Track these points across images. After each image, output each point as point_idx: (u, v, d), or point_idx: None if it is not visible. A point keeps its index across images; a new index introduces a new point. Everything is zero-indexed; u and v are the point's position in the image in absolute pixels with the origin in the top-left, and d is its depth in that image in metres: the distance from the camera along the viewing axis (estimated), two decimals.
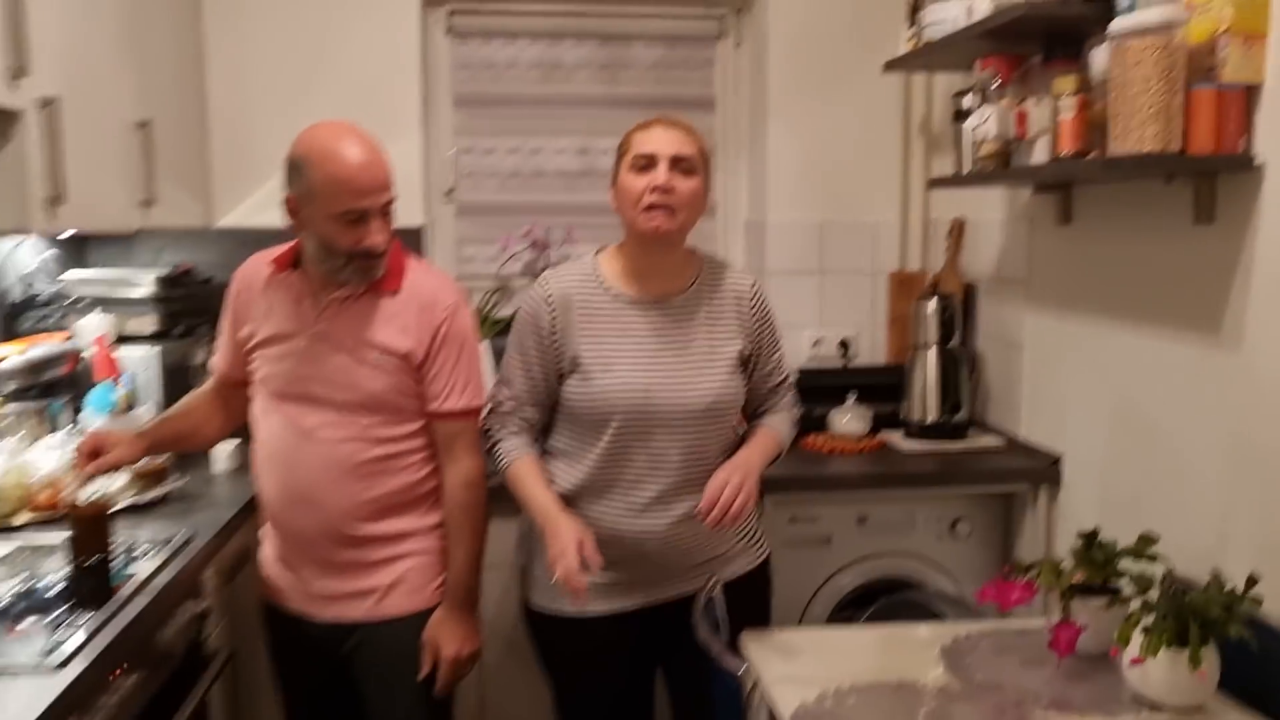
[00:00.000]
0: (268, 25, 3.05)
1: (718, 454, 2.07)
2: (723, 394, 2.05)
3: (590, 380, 2.01)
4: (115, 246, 3.04)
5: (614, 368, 2.01)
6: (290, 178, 1.94)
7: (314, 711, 2.17)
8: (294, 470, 1.99)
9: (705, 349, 2.06)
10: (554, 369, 2.05)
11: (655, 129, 2.02)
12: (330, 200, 1.88)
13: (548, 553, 1.91)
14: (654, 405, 1.99)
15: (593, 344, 2.02)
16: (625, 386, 2.00)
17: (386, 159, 1.95)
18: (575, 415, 2.03)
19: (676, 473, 2.02)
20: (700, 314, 2.07)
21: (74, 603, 1.73)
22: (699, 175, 2.02)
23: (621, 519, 2.03)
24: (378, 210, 1.92)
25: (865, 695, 1.76)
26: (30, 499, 2.13)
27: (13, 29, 1.85)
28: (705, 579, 2.01)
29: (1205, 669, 1.65)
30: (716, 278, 2.12)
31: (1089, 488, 2.47)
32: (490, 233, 3.36)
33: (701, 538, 2.05)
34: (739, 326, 2.10)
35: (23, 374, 2.33)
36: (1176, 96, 1.86)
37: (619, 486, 2.02)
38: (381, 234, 1.94)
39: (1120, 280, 2.32)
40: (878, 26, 3.15)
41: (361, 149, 1.90)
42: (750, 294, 2.12)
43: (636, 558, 2.05)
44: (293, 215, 1.95)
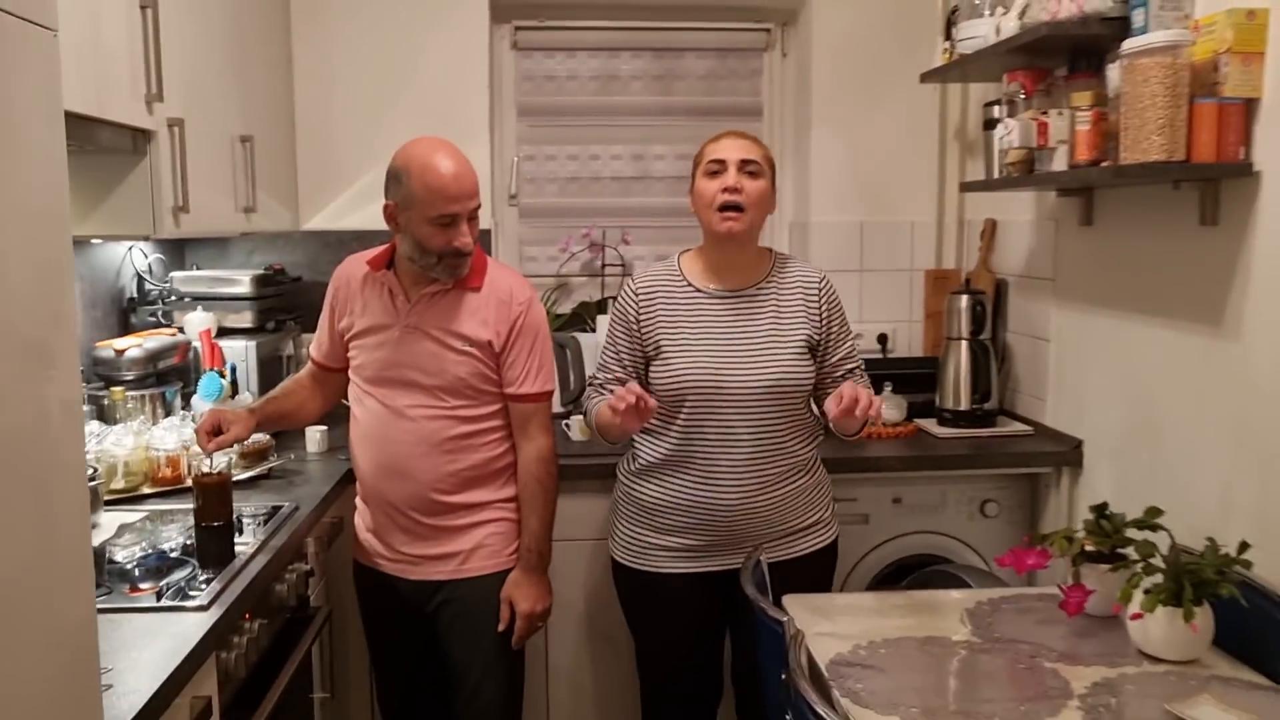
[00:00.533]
0: (348, 45, 3.30)
1: (790, 435, 2.31)
2: (788, 374, 2.28)
3: (669, 363, 2.27)
4: (211, 249, 3.33)
5: (690, 351, 2.27)
6: (390, 186, 2.20)
7: (400, 662, 2.43)
8: (387, 446, 2.25)
9: (773, 334, 2.30)
10: (640, 354, 2.33)
11: (724, 139, 2.32)
12: (427, 206, 2.14)
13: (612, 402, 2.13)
14: (724, 384, 2.25)
15: (672, 331, 2.30)
16: (699, 367, 2.25)
17: (475, 171, 2.21)
18: (658, 395, 2.28)
19: (747, 448, 2.26)
20: (770, 304, 2.32)
21: (200, 561, 1.99)
22: (765, 178, 2.29)
23: (697, 489, 2.28)
24: (467, 215, 2.18)
25: (895, 647, 1.97)
26: (153, 473, 2.41)
27: (151, 62, 2.13)
28: (780, 550, 2.31)
29: (1198, 624, 1.84)
30: (787, 272, 2.37)
31: (1107, 469, 2.66)
32: (550, 235, 3.60)
33: (769, 510, 2.30)
34: (807, 315, 2.33)
35: (142, 363, 2.61)
36: (1181, 110, 2.05)
37: (695, 459, 2.28)
38: (470, 236, 2.19)
39: (1136, 278, 2.51)
40: (916, 39, 3.35)
41: (454, 162, 2.17)
42: (819, 285, 2.36)
43: (710, 525, 2.30)
44: (391, 220, 2.21)
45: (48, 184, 1.15)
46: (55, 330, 1.17)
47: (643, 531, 2.37)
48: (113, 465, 2.33)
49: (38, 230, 1.13)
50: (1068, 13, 2.32)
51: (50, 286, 1.16)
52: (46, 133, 1.15)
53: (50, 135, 1.16)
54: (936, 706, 1.73)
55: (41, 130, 1.14)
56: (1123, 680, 1.83)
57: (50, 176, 1.16)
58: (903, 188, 3.46)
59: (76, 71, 1.87)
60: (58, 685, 1.17)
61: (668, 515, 2.32)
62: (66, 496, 1.19)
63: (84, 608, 1.23)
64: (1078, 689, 1.79)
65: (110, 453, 2.34)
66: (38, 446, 1.12)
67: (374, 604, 2.41)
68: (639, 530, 2.37)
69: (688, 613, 2.31)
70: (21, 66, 1.10)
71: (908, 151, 3.45)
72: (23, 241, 1.10)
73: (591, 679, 2.87)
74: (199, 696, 1.59)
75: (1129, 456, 2.56)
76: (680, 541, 2.32)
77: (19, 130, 1.09)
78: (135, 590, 1.83)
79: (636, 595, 2.42)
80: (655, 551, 2.35)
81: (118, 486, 2.33)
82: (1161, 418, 2.41)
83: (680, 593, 2.30)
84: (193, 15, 2.42)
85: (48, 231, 1.16)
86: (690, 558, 2.32)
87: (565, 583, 2.73)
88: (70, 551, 1.20)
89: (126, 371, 2.58)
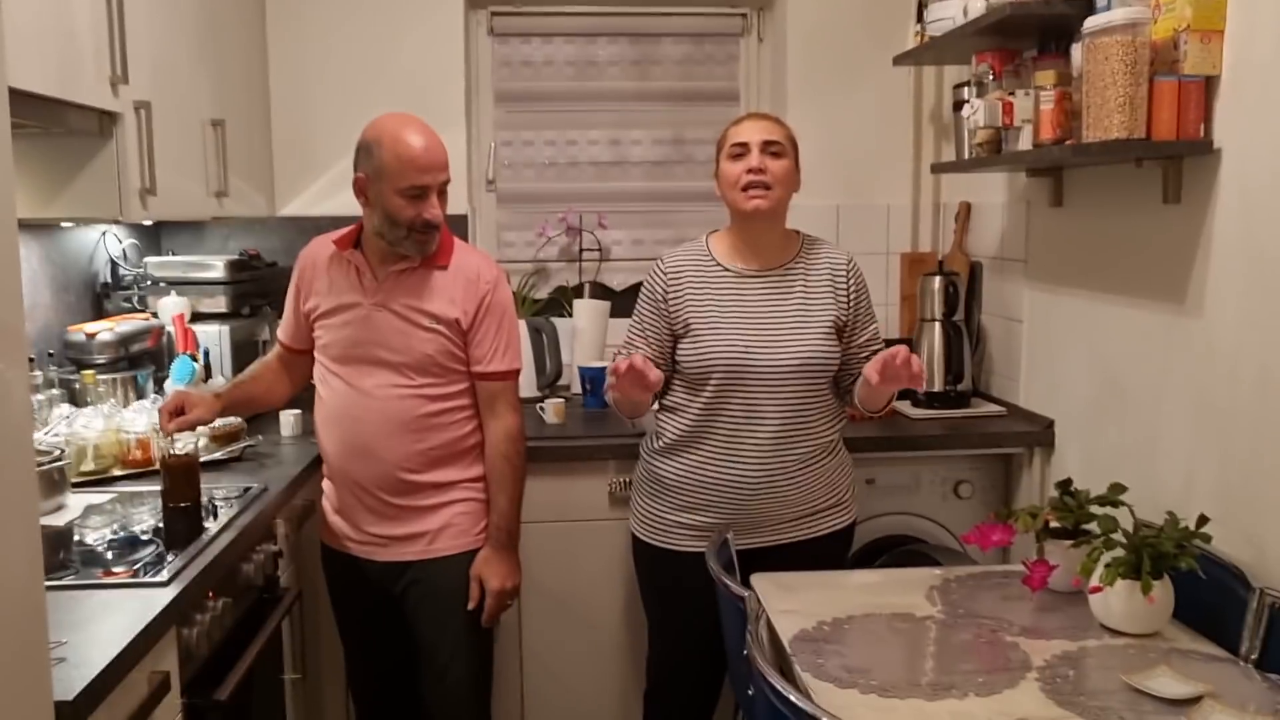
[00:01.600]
0: (324, 30, 3.30)
1: (815, 416, 2.33)
2: (815, 354, 2.30)
3: (698, 340, 2.30)
4: (187, 234, 3.33)
5: (719, 329, 2.29)
6: (360, 158, 2.21)
7: (370, 643, 2.44)
8: (354, 425, 2.26)
9: (801, 314, 2.32)
10: (668, 333, 2.35)
11: (746, 122, 2.36)
12: (397, 176, 2.15)
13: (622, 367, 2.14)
14: (751, 361, 2.27)
15: (701, 309, 2.32)
16: (727, 344, 2.28)
17: (444, 146, 2.23)
18: (684, 372, 2.32)
19: (772, 426, 2.28)
20: (798, 284, 2.34)
21: (167, 542, 1.99)
22: (788, 157, 2.32)
23: (721, 467, 2.31)
24: (436, 187, 2.19)
25: (860, 623, 1.98)
26: (123, 456, 2.41)
27: (116, 44, 2.12)
28: (799, 530, 2.35)
29: (1156, 597, 1.85)
30: (815, 253, 2.39)
31: (1077, 448, 2.68)
32: (528, 220, 3.61)
33: (792, 491, 2.32)
34: (834, 296, 2.35)
35: (114, 347, 2.62)
36: (1141, 88, 2.06)
37: (718, 436, 2.30)
38: (439, 209, 2.20)
39: (1104, 257, 2.52)
40: (889, 22, 3.35)
41: (424, 134, 2.19)
42: (846, 267, 2.39)
43: (732, 504, 2.32)
44: (361, 193, 2.22)
45: None
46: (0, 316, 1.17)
47: (663, 509, 2.39)
48: (82, 448, 2.33)
49: None
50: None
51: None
52: None
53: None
54: (896, 680, 1.74)
55: None
56: (1083, 653, 1.85)
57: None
58: (878, 171, 3.47)
59: (39, 52, 1.87)
60: (3, 659, 1.17)
61: (690, 493, 2.34)
62: (14, 479, 1.20)
63: (29, 581, 1.23)
64: (1037, 661, 1.80)
65: (80, 435, 2.34)
66: None
67: (342, 586, 2.42)
68: (659, 507, 2.39)
69: (704, 595, 2.32)
70: None
71: (883, 135, 3.46)
72: None
73: (565, 661, 2.88)
74: (157, 671, 1.60)
75: (1098, 434, 2.57)
76: (700, 519, 2.34)
77: None
78: (108, 573, 1.83)
79: (654, 571, 2.45)
80: (675, 529, 2.37)
81: (88, 469, 2.34)
82: (1128, 395, 2.43)
83: (698, 570, 2.31)
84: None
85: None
86: (709, 535, 2.31)
87: (538, 564, 2.75)
88: (14, 527, 1.20)
89: (98, 355, 2.59)
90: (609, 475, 2.81)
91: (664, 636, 2.50)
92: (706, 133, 3.64)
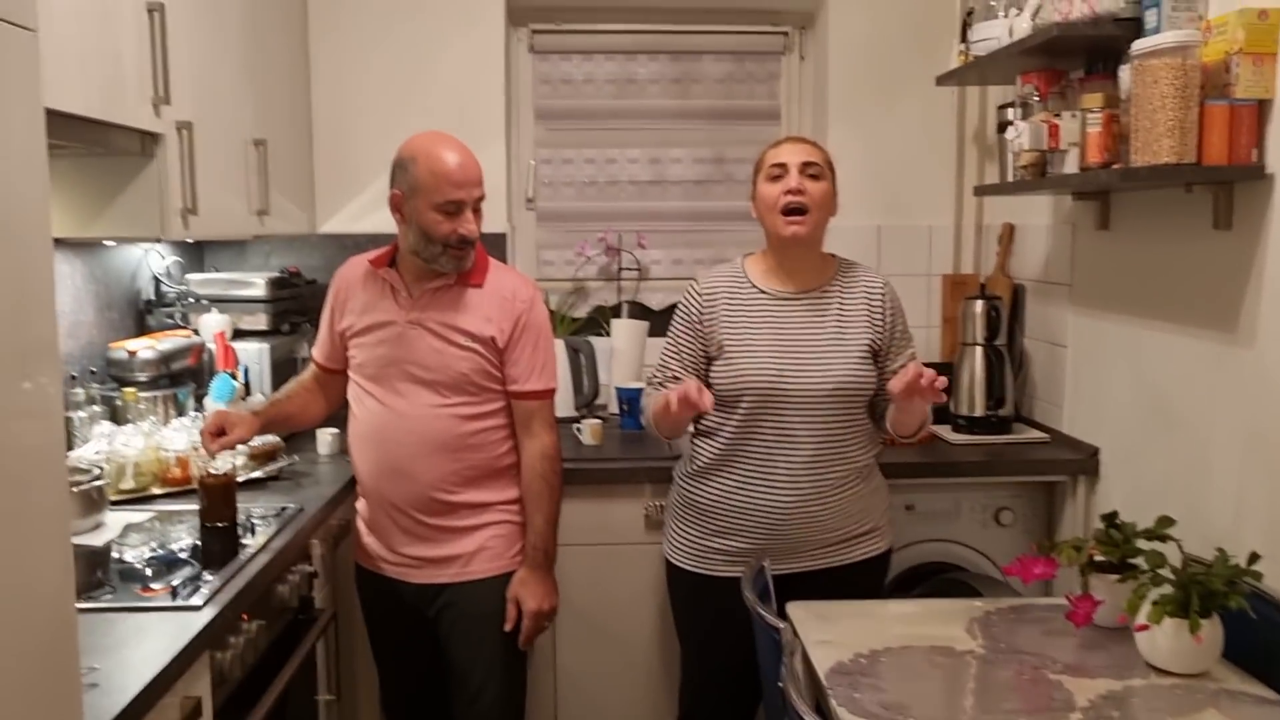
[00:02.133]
0: (366, 49, 3.33)
1: (850, 441, 2.30)
2: (850, 378, 2.28)
3: (732, 362, 2.28)
4: (230, 251, 3.36)
5: (753, 351, 2.28)
6: (396, 175, 2.23)
7: (403, 665, 2.43)
8: (388, 444, 2.26)
9: (836, 338, 2.30)
10: (702, 354, 2.34)
11: (785, 144, 2.36)
12: (432, 191, 2.16)
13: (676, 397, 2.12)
14: (785, 385, 2.25)
15: (736, 331, 2.31)
16: (761, 367, 2.26)
17: (479, 163, 2.24)
18: (717, 394, 2.28)
19: (806, 450, 2.26)
20: (834, 307, 2.32)
21: (204, 561, 2.00)
22: (826, 180, 2.31)
23: (754, 492, 2.29)
24: (471, 203, 2.20)
25: (897, 656, 1.95)
26: (163, 474, 2.43)
27: (158, 66, 2.15)
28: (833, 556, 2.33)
29: (1204, 636, 1.80)
30: (851, 276, 2.37)
31: (1123, 477, 2.62)
32: (567, 238, 3.61)
33: (826, 515, 2.29)
34: (870, 320, 2.33)
35: (155, 364, 2.64)
36: (1191, 111, 2.01)
37: (752, 459, 2.28)
38: (474, 224, 2.21)
39: (1152, 283, 2.47)
40: (933, 41, 3.32)
41: (459, 151, 2.21)
42: (882, 291, 2.37)
43: (765, 529, 2.30)
44: (397, 209, 2.23)
45: (27, 184, 1.16)
46: (34, 332, 1.17)
47: (697, 534, 2.37)
48: (122, 465, 2.35)
49: (17, 231, 1.14)
50: (1079, 13, 2.28)
51: (29, 288, 1.17)
52: (26, 133, 1.16)
53: (30, 135, 1.17)
54: (934, 717, 1.71)
55: (21, 130, 1.15)
56: (1129, 693, 1.80)
57: (30, 176, 1.17)
58: (920, 192, 3.43)
59: (82, 75, 1.89)
60: (33, 684, 1.17)
61: (723, 518, 2.33)
62: (45, 499, 1.20)
63: (63, 606, 1.23)
64: (1081, 701, 1.76)
65: (120, 453, 2.36)
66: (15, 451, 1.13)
67: (376, 607, 2.41)
68: (693, 532, 2.38)
69: (741, 615, 2.29)
70: (1, 67, 1.11)
71: (926, 155, 3.42)
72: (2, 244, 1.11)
73: (600, 684, 2.86)
74: (189, 697, 1.60)
75: (1144, 464, 2.51)
76: (734, 544, 2.32)
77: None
78: (147, 590, 1.84)
79: (688, 596, 2.43)
80: (709, 554, 2.35)
81: (127, 487, 2.35)
82: (1176, 425, 2.37)
83: (733, 595, 2.29)
84: (205, 20, 2.44)
85: (27, 233, 1.16)
86: (744, 561, 2.29)
87: (573, 587, 2.73)
88: (48, 551, 1.20)
89: (139, 373, 2.61)
90: (645, 499, 2.79)
91: (697, 662, 2.47)
92: (747, 151, 3.62)
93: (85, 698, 1.34)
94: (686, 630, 2.48)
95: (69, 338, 2.56)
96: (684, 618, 2.47)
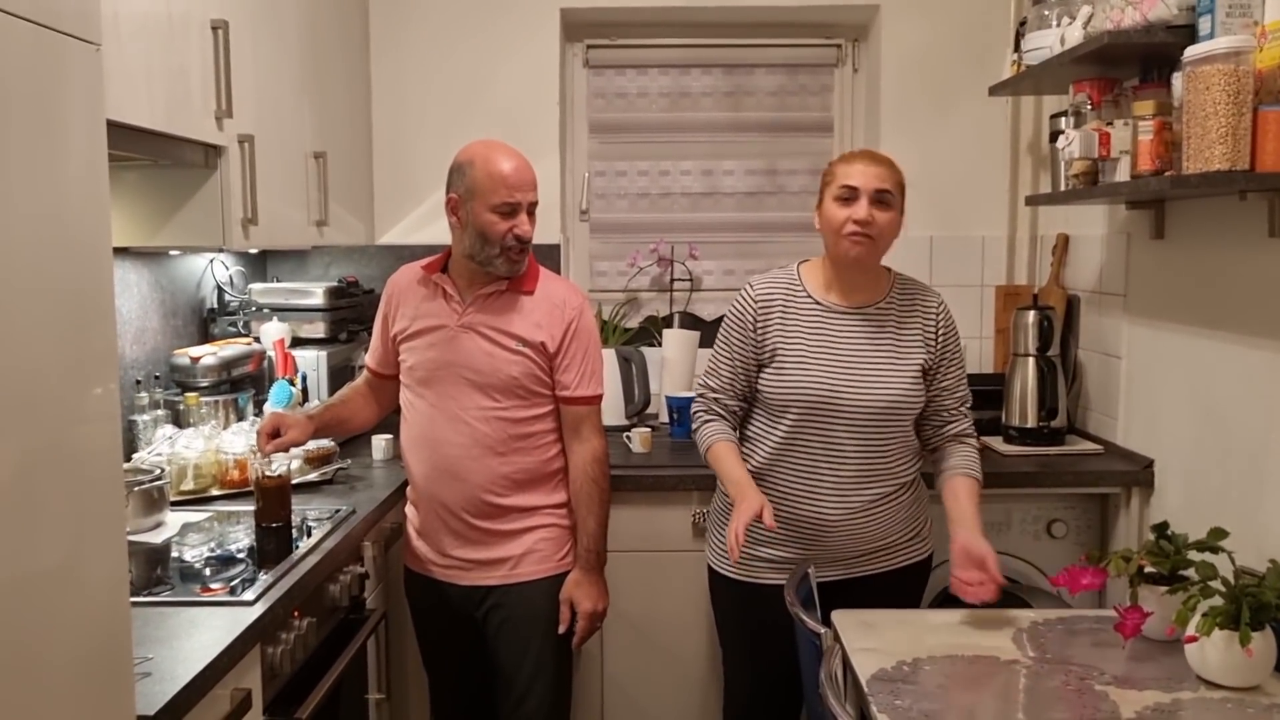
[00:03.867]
0: (425, 64, 3.40)
1: (897, 457, 2.30)
2: (903, 397, 2.27)
3: (783, 371, 2.27)
4: (291, 261, 3.45)
5: (805, 362, 2.27)
6: (453, 179, 2.29)
7: (451, 668, 2.47)
8: (440, 447, 2.31)
9: (891, 355, 2.28)
10: (754, 360, 2.32)
11: (858, 163, 2.26)
12: (490, 193, 2.22)
13: (733, 516, 2.14)
14: (837, 399, 2.24)
15: (790, 339, 2.29)
16: (813, 379, 2.25)
17: (533, 169, 2.30)
18: (766, 402, 2.30)
19: (853, 464, 2.26)
20: (890, 324, 2.31)
21: (258, 560, 2.06)
22: (896, 208, 2.26)
23: (799, 503, 2.29)
24: (526, 205, 2.26)
25: (940, 664, 1.94)
26: (222, 476, 2.50)
27: (222, 81, 2.23)
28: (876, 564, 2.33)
29: (1256, 649, 1.77)
30: (907, 293, 2.35)
31: (1178, 489, 2.58)
32: (620, 250, 3.64)
33: (871, 527, 2.29)
34: (924, 339, 2.31)
35: (216, 370, 2.72)
36: (1244, 118, 1.98)
37: (797, 470, 2.28)
38: (529, 226, 2.26)
39: (1207, 291, 2.43)
40: (986, 52, 3.31)
41: (514, 156, 2.28)
42: (937, 310, 2.34)
43: (809, 539, 2.30)
44: (454, 212, 2.29)
45: (88, 195, 1.22)
46: (94, 340, 1.23)
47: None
48: (183, 467, 2.43)
49: (78, 241, 1.20)
50: (1131, 21, 2.27)
51: (90, 298, 1.22)
52: (88, 145, 1.22)
53: (91, 147, 1.22)
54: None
55: (83, 142, 1.21)
56: (1176, 706, 1.77)
57: (91, 187, 1.22)
58: (974, 202, 3.41)
59: (148, 89, 1.97)
60: (89, 671, 1.22)
61: (766, 527, 2.31)
62: (103, 498, 1.25)
63: (117, 598, 1.29)
64: (1127, 713, 1.73)
65: (181, 455, 2.43)
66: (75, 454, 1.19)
67: (425, 610, 2.46)
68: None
69: (784, 624, 2.30)
70: (66, 80, 1.17)
71: (979, 166, 3.40)
72: (63, 253, 1.16)
73: (647, 690, 2.87)
74: (240, 688, 1.65)
75: (1200, 476, 2.47)
76: (777, 553, 2.32)
77: (62, 141, 1.16)
78: (206, 590, 1.89)
79: (732, 603, 2.42)
80: (752, 561, 2.35)
81: (187, 488, 2.43)
82: (1232, 436, 2.33)
83: (775, 603, 2.30)
84: (267, 36, 2.53)
85: (88, 243, 1.22)
86: (787, 569, 2.29)
87: (621, 593, 2.74)
88: (104, 547, 1.26)
89: (201, 378, 2.69)
90: (693, 506, 2.81)
91: (740, 670, 2.47)
92: (800, 163, 3.64)
93: (138, 685, 1.39)
94: (729, 638, 2.48)
95: (135, 344, 2.66)
96: (726, 626, 2.47)
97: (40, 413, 1.14)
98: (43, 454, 1.14)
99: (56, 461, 1.16)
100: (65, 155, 1.17)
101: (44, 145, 1.13)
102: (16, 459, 1.10)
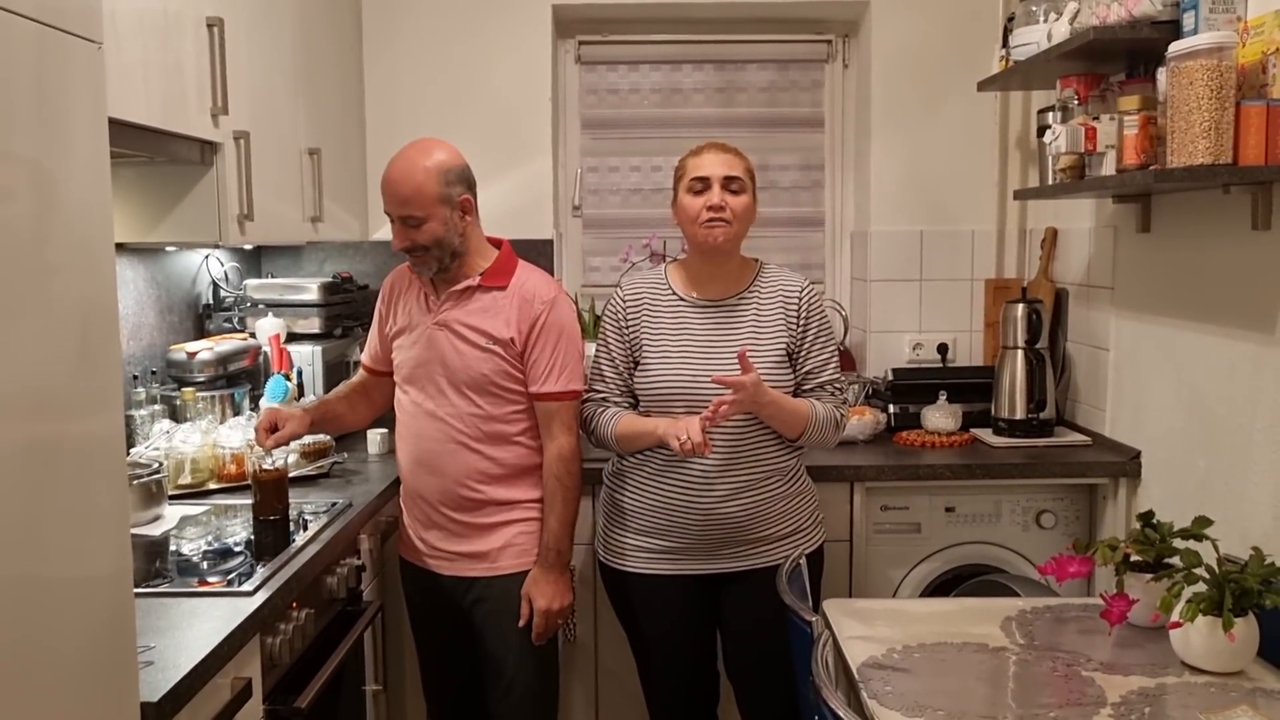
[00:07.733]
0: (418, 60, 3.41)
1: (765, 442, 2.33)
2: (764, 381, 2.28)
3: (648, 367, 2.34)
4: (286, 257, 3.46)
5: (668, 356, 2.33)
6: None
7: (443, 655, 2.49)
8: (420, 441, 2.34)
9: (750, 342, 2.32)
10: (629, 358, 2.39)
11: (706, 154, 2.34)
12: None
13: (672, 433, 2.18)
14: (695, 389, 2.28)
15: (654, 336, 2.36)
16: (673, 371, 2.32)
17: (417, 182, 2.23)
18: (640, 398, 2.37)
19: (720, 454, 2.28)
20: (750, 312, 2.36)
21: (256, 552, 2.08)
22: (747, 193, 2.33)
23: (671, 492, 2.33)
24: (397, 219, 2.27)
25: (930, 652, 1.97)
26: (219, 470, 2.52)
27: (217, 78, 2.24)
28: (760, 556, 2.36)
29: (1238, 634, 1.80)
30: (769, 281, 2.40)
31: (1164, 479, 2.61)
32: (613, 244, 3.66)
33: (743, 514, 2.32)
34: (785, 323, 2.35)
35: (213, 366, 2.74)
36: (1227, 112, 2.02)
37: (670, 463, 2.32)
38: (401, 239, 2.27)
39: (1192, 284, 2.46)
40: (974, 48, 3.34)
41: (395, 167, 2.27)
42: (799, 293, 2.38)
43: (684, 528, 2.34)
44: None
45: (91, 191, 1.24)
46: (96, 334, 1.25)
47: (622, 533, 2.42)
48: (180, 461, 2.45)
49: (82, 237, 1.22)
50: (1116, 17, 2.30)
51: (92, 292, 1.24)
52: (91, 142, 1.24)
53: (94, 144, 1.24)
54: (966, 711, 1.73)
55: (86, 139, 1.23)
56: (1161, 690, 1.80)
57: (94, 184, 1.24)
58: (963, 196, 3.44)
59: (145, 87, 1.99)
60: (93, 660, 1.25)
61: (644, 517, 2.37)
62: (106, 491, 1.28)
63: (120, 589, 1.31)
64: (1113, 697, 1.77)
65: (178, 449, 2.45)
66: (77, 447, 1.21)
67: (418, 599, 2.48)
68: (619, 531, 2.43)
69: (672, 612, 2.35)
70: (68, 78, 1.19)
71: (968, 160, 3.43)
72: (68, 250, 1.18)
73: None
74: (240, 677, 1.67)
75: (1185, 466, 2.51)
76: (658, 543, 2.37)
77: (66, 138, 1.18)
78: (203, 583, 1.92)
79: (620, 594, 2.47)
80: (634, 552, 2.40)
81: (185, 482, 2.45)
82: (1217, 427, 2.37)
83: (662, 592, 2.35)
84: (262, 34, 2.54)
85: (91, 239, 1.24)
86: (669, 559, 2.36)
87: None
88: (108, 538, 1.28)
89: (198, 373, 2.71)
90: None
91: (645, 658, 2.51)
92: (791, 159, 3.67)
93: (141, 674, 1.42)
94: (629, 631, 2.51)
95: (131, 339, 2.67)
96: (622, 614, 2.50)
97: (46, 407, 1.16)
98: (49, 447, 1.16)
99: (62, 455, 1.19)
100: (69, 152, 1.19)
101: (48, 142, 1.15)
102: (23, 452, 1.12)
